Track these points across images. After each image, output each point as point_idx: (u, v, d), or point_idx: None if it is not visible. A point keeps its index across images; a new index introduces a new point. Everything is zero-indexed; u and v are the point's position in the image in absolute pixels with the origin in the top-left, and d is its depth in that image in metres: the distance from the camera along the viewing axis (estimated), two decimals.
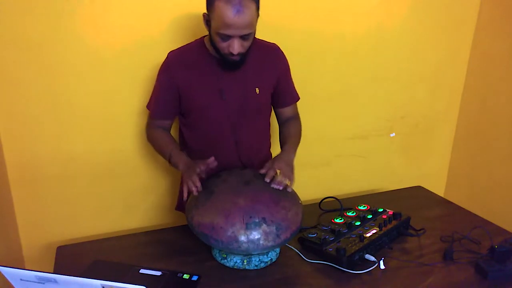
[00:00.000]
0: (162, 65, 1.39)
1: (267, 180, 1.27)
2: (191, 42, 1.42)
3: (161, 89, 1.41)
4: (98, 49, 1.55)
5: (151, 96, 1.47)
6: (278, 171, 1.29)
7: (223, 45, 1.24)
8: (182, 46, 1.41)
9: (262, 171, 1.30)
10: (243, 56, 1.28)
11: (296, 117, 1.56)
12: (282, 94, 1.50)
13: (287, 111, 1.54)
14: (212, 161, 1.29)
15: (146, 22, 1.58)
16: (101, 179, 1.70)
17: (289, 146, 1.42)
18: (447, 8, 2.03)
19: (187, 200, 1.32)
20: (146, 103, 1.50)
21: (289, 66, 1.50)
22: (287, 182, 1.28)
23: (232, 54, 1.24)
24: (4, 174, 1.55)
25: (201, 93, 1.37)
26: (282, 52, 1.47)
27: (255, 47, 1.38)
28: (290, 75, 1.52)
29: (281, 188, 1.27)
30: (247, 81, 1.39)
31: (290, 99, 1.53)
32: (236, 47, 1.22)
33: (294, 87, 1.54)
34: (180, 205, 1.64)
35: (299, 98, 1.55)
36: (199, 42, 1.39)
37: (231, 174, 1.33)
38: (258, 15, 1.25)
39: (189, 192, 1.27)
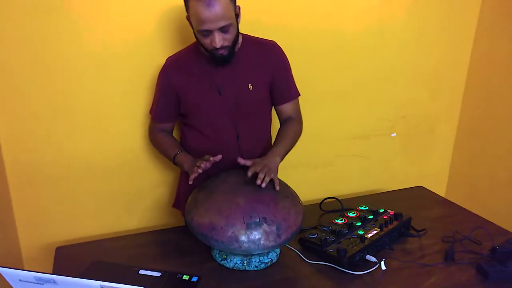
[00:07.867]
0: (160, 70, 1.44)
1: (249, 174, 1.26)
2: (186, 47, 1.46)
3: (161, 93, 1.45)
4: (100, 49, 1.54)
5: (152, 102, 1.51)
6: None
7: (206, 41, 1.27)
8: (178, 51, 1.46)
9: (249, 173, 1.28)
10: (230, 49, 1.31)
11: (296, 119, 1.52)
12: (280, 90, 1.48)
13: (286, 109, 1.50)
14: (218, 158, 1.31)
15: (150, 21, 1.57)
16: (100, 179, 1.69)
17: (277, 149, 1.39)
18: (448, 8, 2.03)
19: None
20: (146, 104, 1.52)
21: (288, 63, 1.48)
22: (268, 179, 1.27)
23: (216, 49, 1.27)
24: (3, 174, 1.55)
25: (198, 91, 1.40)
26: (280, 48, 1.46)
27: (250, 44, 1.41)
28: (290, 72, 1.49)
29: (263, 185, 1.24)
30: (239, 77, 1.40)
31: (289, 96, 1.49)
32: (218, 40, 1.25)
33: (294, 83, 1.50)
34: (177, 203, 1.65)
35: (299, 95, 1.52)
36: (193, 45, 1.43)
37: (230, 175, 1.33)
38: (235, 7, 1.28)
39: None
